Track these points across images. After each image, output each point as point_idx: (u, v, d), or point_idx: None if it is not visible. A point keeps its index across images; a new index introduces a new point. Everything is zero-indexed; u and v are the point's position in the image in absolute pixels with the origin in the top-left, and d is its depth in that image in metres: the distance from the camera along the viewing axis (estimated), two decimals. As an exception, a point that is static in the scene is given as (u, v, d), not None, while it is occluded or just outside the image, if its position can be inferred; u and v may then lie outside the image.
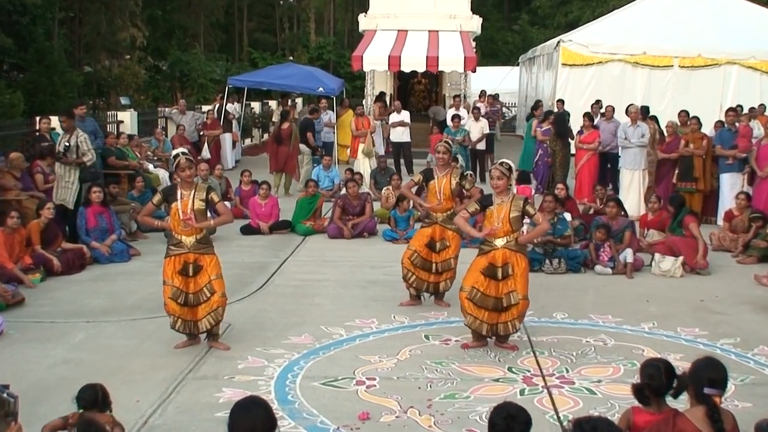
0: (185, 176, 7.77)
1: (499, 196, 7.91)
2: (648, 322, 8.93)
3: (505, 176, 7.85)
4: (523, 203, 7.85)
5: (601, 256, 11.41)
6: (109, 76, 34.68)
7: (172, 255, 7.81)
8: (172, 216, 7.78)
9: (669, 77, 24.08)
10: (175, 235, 7.82)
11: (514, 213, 7.80)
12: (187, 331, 7.89)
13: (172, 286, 7.76)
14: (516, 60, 36.12)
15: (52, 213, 11.10)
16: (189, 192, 7.78)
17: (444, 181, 9.29)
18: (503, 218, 7.79)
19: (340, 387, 6.89)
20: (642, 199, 15.03)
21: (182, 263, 7.77)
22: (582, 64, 24.44)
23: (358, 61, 22.30)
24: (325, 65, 43.01)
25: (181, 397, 6.66)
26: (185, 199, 7.73)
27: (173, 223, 7.79)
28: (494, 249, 7.84)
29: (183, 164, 7.76)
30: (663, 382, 4.58)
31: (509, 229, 7.80)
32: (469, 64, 22.14)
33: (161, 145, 18.74)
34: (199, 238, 7.81)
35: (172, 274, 7.77)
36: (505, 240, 7.82)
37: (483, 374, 7.25)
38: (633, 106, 15.92)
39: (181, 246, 7.78)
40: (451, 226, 9.19)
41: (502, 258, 7.81)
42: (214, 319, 7.83)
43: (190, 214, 7.69)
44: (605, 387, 6.96)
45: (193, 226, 7.67)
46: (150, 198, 9.32)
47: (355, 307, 9.38)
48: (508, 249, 7.81)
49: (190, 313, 7.83)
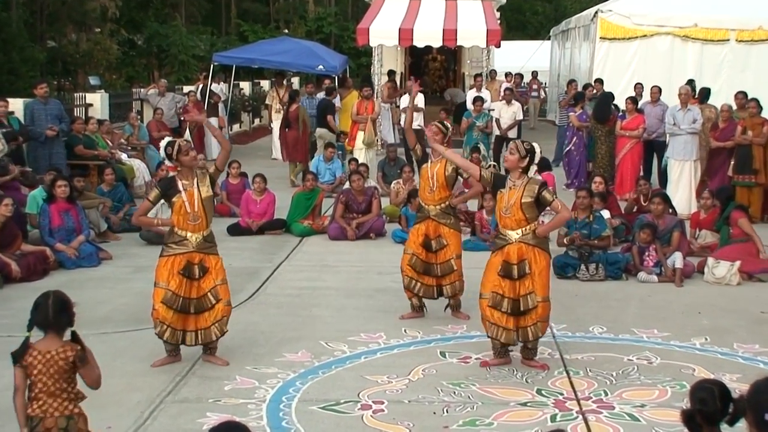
0: (189, 159, 7.84)
1: (512, 177, 7.90)
2: (700, 337, 8.92)
3: (518, 153, 7.82)
4: (539, 187, 7.79)
5: (645, 261, 11.40)
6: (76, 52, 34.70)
7: (170, 254, 7.84)
8: (176, 211, 7.82)
9: (724, 53, 23.99)
10: (178, 232, 7.86)
11: (527, 198, 7.74)
12: (175, 341, 7.92)
13: (166, 290, 7.77)
14: (547, 33, 36.09)
15: (10, 210, 11.10)
16: (191, 181, 7.85)
17: (438, 165, 9.24)
18: (514, 204, 7.76)
19: (343, 412, 6.90)
20: (693, 195, 15.00)
21: (184, 264, 7.81)
22: (623, 38, 24.34)
23: (363, 35, 22.32)
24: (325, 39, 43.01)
25: (158, 423, 6.68)
26: (189, 190, 7.80)
27: (177, 218, 7.84)
28: (508, 243, 7.82)
29: (185, 147, 7.85)
30: (717, 407, 4.55)
31: (522, 217, 7.76)
32: (493, 38, 22.13)
33: (136, 131, 18.81)
34: (205, 235, 7.89)
35: (168, 276, 7.79)
36: (521, 232, 7.79)
37: (508, 397, 7.25)
38: (684, 87, 15.88)
39: (185, 244, 7.83)
40: (447, 221, 9.23)
41: (518, 254, 7.78)
42: (219, 330, 7.90)
43: (198, 204, 7.77)
44: (650, 412, 6.95)
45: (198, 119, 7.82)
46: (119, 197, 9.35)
47: (359, 320, 9.40)
48: (525, 243, 7.78)
49: (182, 321, 7.87)
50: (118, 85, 32.95)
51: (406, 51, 26.39)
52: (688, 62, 23.79)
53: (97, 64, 34.15)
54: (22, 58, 28.06)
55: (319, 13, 48.36)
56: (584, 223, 11.53)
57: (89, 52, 34.24)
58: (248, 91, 30.00)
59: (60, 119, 15.34)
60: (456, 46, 23.72)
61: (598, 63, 24.28)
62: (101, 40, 35.08)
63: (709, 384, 4.71)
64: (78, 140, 15.87)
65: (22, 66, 27.90)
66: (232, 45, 37.58)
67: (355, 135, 18.86)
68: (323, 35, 45.08)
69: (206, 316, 7.86)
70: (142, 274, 11.35)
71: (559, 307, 9.85)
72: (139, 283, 10.88)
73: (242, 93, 29.05)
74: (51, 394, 4.98)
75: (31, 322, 5.03)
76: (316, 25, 46.68)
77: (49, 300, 5.03)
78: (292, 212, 14.15)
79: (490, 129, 18.59)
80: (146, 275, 11.20)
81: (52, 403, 4.98)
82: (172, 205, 7.84)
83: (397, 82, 24.25)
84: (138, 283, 10.88)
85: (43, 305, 5.01)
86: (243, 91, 29.30)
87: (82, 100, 19.87)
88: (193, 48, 38.47)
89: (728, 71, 23.56)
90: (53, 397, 4.98)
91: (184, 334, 7.91)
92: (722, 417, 4.55)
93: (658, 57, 23.82)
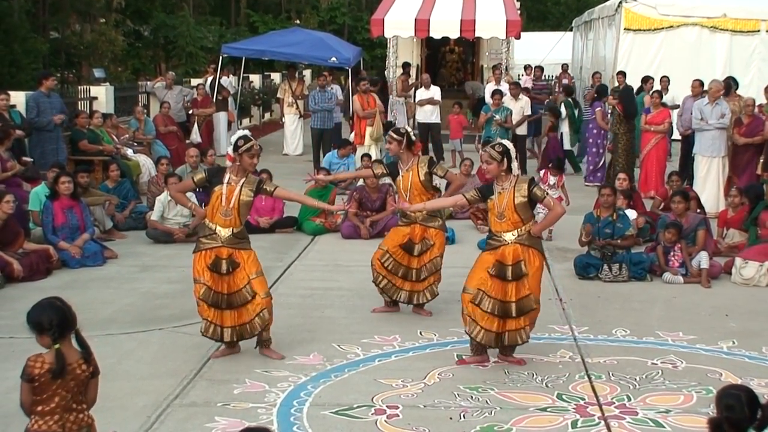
0: (249, 163, 7.95)
1: (499, 183, 7.93)
2: (727, 340, 8.92)
3: (495, 160, 7.85)
4: (528, 185, 7.87)
5: (671, 261, 11.39)
6: (80, 44, 34.75)
7: (202, 249, 7.99)
8: (212, 201, 7.95)
9: (755, 44, 23.94)
10: (208, 224, 8.00)
11: (519, 199, 7.81)
12: (216, 337, 8.07)
13: (203, 285, 7.93)
14: (569, 24, 36.03)
15: (12, 207, 11.15)
16: (239, 179, 7.94)
17: (410, 174, 9.30)
18: (506, 207, 7.80)
19: (356, 417, 6.92)
20: (721, 192, 14.95)
21: (213, 258, 7.93)
22: (649, 29, 24.34)
23: (378, 26, 22.34)
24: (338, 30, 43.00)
25: (165, 427, 6.71)
26: (232, 185, 7.91)
27: (211, 209, 7.96)
28: (503, 244, 7.89)
29: (255, 151, 7.95)
30: (745, 414, 4.55)
31: (518, 219, 7.82)
32: (512, 29, 22.12)
33: (142, 126, 18.84)
34: (236, 232, 7.98)
35: (202, 271, 7.95)
36: (516, 233, 7.86)
37: (527, 402, 7.26)
38: (715, 82, 15.75)
39: (214, 238, 7.97)
40: (434, 224, 9.32)
41: (513, 255, 7.85)
42: (262, 322, 8.01)
43: (234, 203, 7.86)
44: (675, 418, 6.95)
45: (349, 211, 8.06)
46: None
47: (373, 321, 9.42)
48: (521, 244, 7.85)
49: (220, 317, 7.99)
50: (124, 78, 32.95)
51: (422, 42, 26.36)
52: (717, 54, 23.75)
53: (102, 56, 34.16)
54: (23, 50, 28.08)
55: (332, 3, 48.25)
56: (607, 221, 11.51)
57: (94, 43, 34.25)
58: (258, 85, 29.98)
59: (62, 113, 15.40)
60: (474, 37, 23.67)
61: (622, 55, 24.27)
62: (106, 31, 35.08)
63: (736, 390, 4.71)
64: (82, 135, 15.92)
65: (23, 58, 27.93)
66: (242, 36, 37.58)
67: (363, 131, 18.81)
68: (336, 26, 45.08)
69: (245, 310, 8.00)
70: (149, 274, 11.42)
71: (580, 309, 9.90)
72: (145, 283, 10.93)
73: (252, 86, 29.05)
74: (68, 408, 4.92)
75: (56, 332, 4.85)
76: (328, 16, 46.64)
77: (59, 303, 4.96)
78: (304, 210, 14.15)
79: (510, 123, 18.56)
80: (153, 275, 11.30)
81: (69, 417, 4.94)
82: (211, 193, 7.95)
83: (413, 75, 24.22)
84: (144, 283, 10.93)
85: (59, 309, 4.92)
86: (253, 85, 29.30)
87: (86, 93, 19.87)
88: (201, 39, 38.49)
89: (758, 63, 23.51)
90: (69, 411, 4.93)
91: (222, 331, 8.02)
92: (750, 424, 4.55)
93: (685, 49, 23.78)
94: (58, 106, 15.45)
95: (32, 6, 32.76)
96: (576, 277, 11.32)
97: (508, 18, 22.14)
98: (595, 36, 28.99)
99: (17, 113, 15.01)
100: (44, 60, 30.76)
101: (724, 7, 23.95)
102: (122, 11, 37.12)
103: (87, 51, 34.36)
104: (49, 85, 15.49)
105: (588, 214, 11.74)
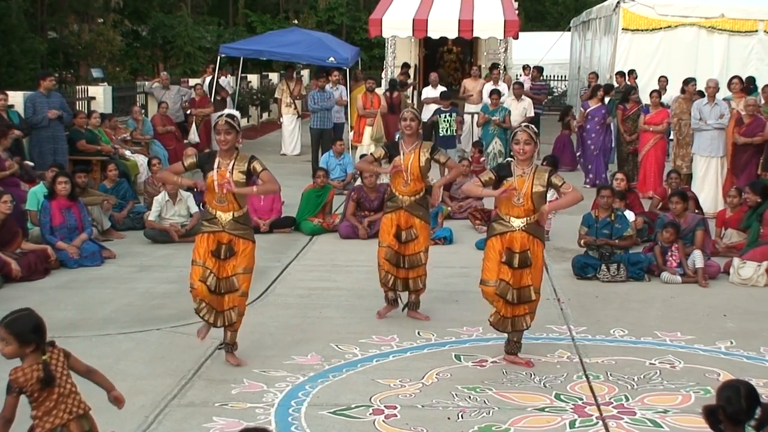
0: (219, 140, 7.89)
1: (521, 166, 7.91)
2: (725, 340, 8.91)
3: (533, 141, 7.85)
4: (548, 175, 7.87)
5: (669, 261, 11.38)
6: (78, 44, 34.79)
7: (205, 232, 7.98)
8: (208, 188, 7.95)
9: (752, 45, 23.94)
10: (209, 209, 8.00)
11: (538, 188, 7.80)
12: (212, 321, 8.00)
13: (203, 267, 7.89)
14: (567, 24, 36.04)
15: (10, 207, 11.14)
16: (228, 161, 7.91)
17: (412, 156, 9.20)
18: (525, 194, 7.80)
19: (354, 417, 6.92)
20: (720, 193, 14.96)
21: (216, 243, 7.93)
22: (647, 29, 24.33)
23: (376, 26, 22.33)
24: (336, 30, 43.04)
25: (163, 427, 6.71)
26: (222, 169, 7.88)
27: (208, 196, 7.98)
28: (511, 231, 7.88)
29: (220, 126, 7.88)
30: (742, 406, 4.53)
31: (530, 207, 7.83)
32: (511, 29, 22.11)
33: (140, 126, 18.83)
34: (236, 216, 7.95)
35: (204, 254, 7.91)
36: (525, 221, 7.86)
37: (525, 402, 7.26)
38: (712, 80, 15.80)
39: (215, 223, 7.94)
40: (419, 212, 9.24)
41: (521, 243, 7.86)
42: (228, 319, 7.96)
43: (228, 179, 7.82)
44: (673, 418, 6.95)
45: (232, 191, 7.79)
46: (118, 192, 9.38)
47: (371, 321, 9.41)
48: (528, 233, 7.86)
49: (216, 301, 7.96)
50: (122, 78, 33.00)
51: (420, 42, 26.36)
52: (715, 54, 23.75)
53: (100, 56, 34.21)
54: (22, 50, 28.12)
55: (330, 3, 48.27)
56: (606, 222, 11.51)
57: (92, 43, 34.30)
58: (256, 85, 30.00)
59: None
60: (472, 37, 23.67)
61: (620, 55, 24.26)
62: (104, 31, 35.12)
63: (736, 383, 4.71)
64: (80, 135, 15.91)
65: (21, 58, 27.96)
66: (240, 36, 37.63)
67: (362, 130, 18.85)
68: (334, 26, 45.11)
69: (230, 298, 7.95)
70: (147, 274, 11.41)
71: (578, 309, 9.91)
72: (143, 283, 10.92)
73: (250, 86, 29.06)
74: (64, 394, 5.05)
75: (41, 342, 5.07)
76: (327, 16, 46.67)
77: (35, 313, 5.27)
78: (302, 210, 14.15)
79: (508, 124, 18.56)
80: (151, 275, 11.30)
81: (68, 401, 5.06)
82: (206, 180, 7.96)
83: (411, 74, 24.21)
84: (142, 283, 10.92)
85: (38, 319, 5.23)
86: (251, 85, 29.31)
87: (84, 93, 19.90)
88: (199, 39, 38.54)
89: (756, 63, 23.50)
90: (68, 396, 5.06)
91: (216, 315, 7.98)
92: (747, 418, 4.54)
93: (683, 49, 23.79)
94: (58, 104, 15.43)
95: (30, 6, 32.80)
96: (574, 277, 11.32)
97: (506, 18, 22.13)
98: (593, 36, 28.97)
99: (15, 113, 15.00)
100: (42, 60, 30.79)
101: (721, 7, 23.97)
102: (120, 11, 37.15)
103: (85, 51, 34.41)
104: (47, 85, 15.50)
105: (586, 215, 11.74)
